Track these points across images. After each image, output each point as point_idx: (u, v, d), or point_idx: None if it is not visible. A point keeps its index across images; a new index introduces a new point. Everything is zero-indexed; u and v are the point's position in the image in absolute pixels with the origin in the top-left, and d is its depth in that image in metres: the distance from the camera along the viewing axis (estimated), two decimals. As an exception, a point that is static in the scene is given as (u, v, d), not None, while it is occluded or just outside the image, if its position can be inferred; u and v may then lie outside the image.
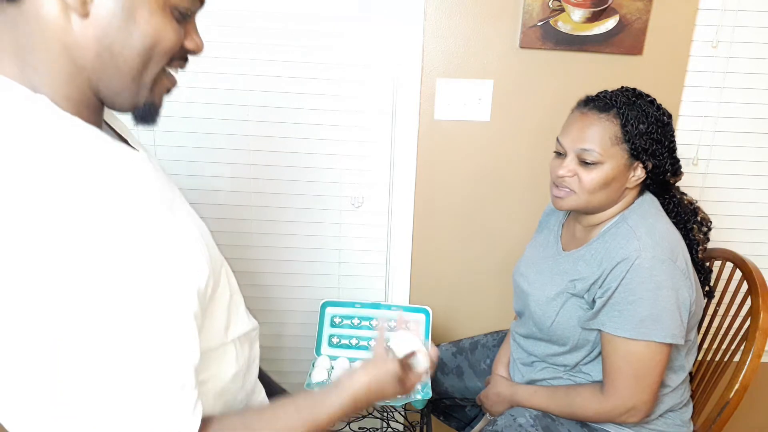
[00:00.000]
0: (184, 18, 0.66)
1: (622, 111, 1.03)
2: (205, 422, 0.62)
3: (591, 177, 1.05)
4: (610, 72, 1.54)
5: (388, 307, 1.41)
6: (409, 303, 1.72)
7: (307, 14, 1.51)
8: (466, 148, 1.61)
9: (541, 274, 1.20)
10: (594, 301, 1.07)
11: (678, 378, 1.11)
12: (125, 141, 0.71)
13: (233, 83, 1.55)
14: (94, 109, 0.62)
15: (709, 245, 1.38)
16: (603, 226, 1.11)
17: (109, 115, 0.73)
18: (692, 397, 1.27)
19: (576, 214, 1.18)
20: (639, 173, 1.06)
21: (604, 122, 1.04)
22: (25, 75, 0.56)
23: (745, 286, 1.22)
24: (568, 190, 1.08)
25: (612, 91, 1.09)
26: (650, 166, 1.06)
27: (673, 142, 1.08)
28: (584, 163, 1.05)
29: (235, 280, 0.82)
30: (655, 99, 1.09)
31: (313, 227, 1.68)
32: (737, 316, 1.25)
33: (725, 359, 1.24)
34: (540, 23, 1.48)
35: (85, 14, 0.55)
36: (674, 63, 1.55)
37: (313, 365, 1.31)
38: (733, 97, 1.58)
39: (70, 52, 0.56)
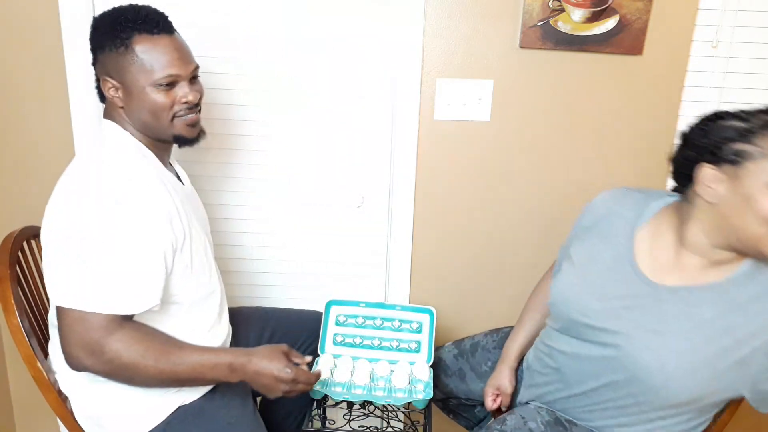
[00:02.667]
0: (171, 86, 1.05)
1: None
2: (132, 318, 1.02)
3: None
4: (610, 72, 1.55)
5: (393, 307, 1.41)
6: (409, 302, 1.73)
7: (307, 14, 1.52)
8: (466, 148, 1.61)
9: (631, 310, 1.00)
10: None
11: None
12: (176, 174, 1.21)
13: (233, 83, 1.55)
14: (151, 143, 1.11)
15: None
16: (740, 260, 0.96)
17: (178, 167, 1.27)
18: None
19: (654, 215, 1.03)
20: None
21: None
22: (123, 124, 1.09)
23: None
24: None
25: None
26: None
27: None
28: None
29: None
30: None
31: (313, 227, 1.68)
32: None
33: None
34: (540, 23, 1.48)
35: (122, 107, 1.08)
36: (674, 63, 1.55)
37: (316, 363, 1.31)
38: (733, 97, 1.58)
39: (129, 122, 1.09)
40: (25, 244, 1.23)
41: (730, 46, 1.54)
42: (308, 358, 1.12)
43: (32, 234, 1.27)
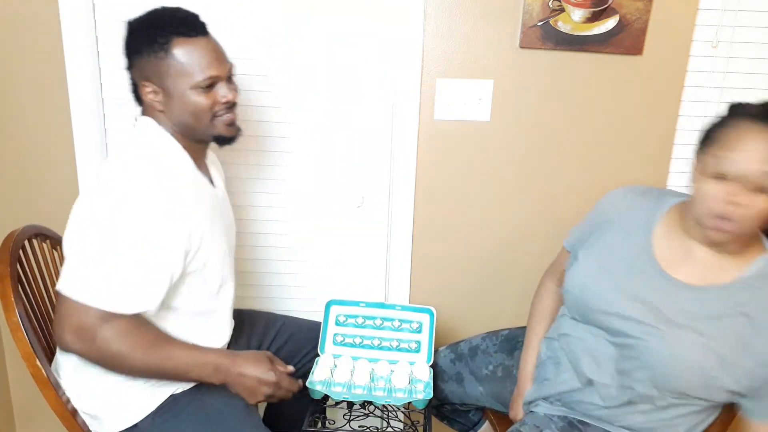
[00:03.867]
0: (210, 87, 1.07)
1: None
2: (136, 315, 1.03)
3: (758, 206, 0.90)
4: (610, 72, 1.55)
5: (393, 307, 1.41)
6: (409, 302, 1.73)
7: (307, 14, 1.52)
8: (466, 148, 1.61)
9: (652, 310, 1.02)
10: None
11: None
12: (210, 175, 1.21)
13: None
14: (189, 146, 1.12)
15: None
16: (753, 257, 0.98)
17: (215, 165, 1.27)
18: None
19: (665, 214, 1.05)
20: None
21: None
22: (162, 125, 1.10)
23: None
24: (732, 222, 0.92)
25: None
26: None
27: None
28: (759, 188, 0.89)
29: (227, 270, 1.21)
30: None
31: (313, 227, 1.68)
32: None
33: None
34: (540, 23, 1.48)
35: (162, 111, 1.09)
36: (674, 63, 1.55)
37: (316, 363, 1.31)
38: (733, 97, 1.58)
39: (169, 124, 1.10)
40: (26, 242, 1.23)
41: (730, 46, 1.54)
42: (291, 368, 1.18)
43: (33, 233, 1.27)
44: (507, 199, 1.65)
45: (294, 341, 1.41)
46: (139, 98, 1.11)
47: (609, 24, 1.49)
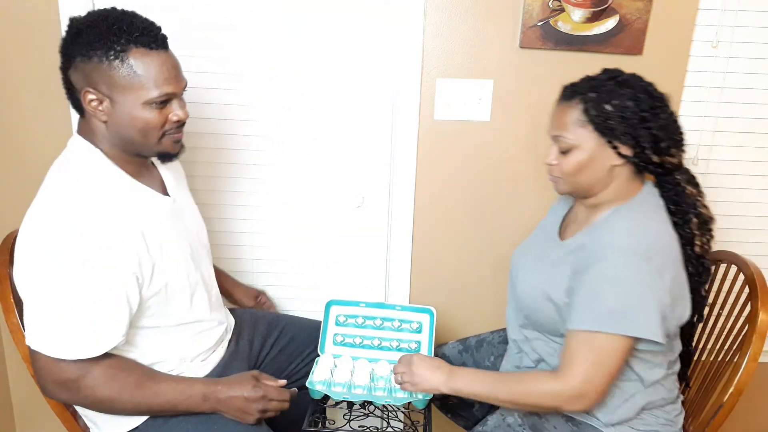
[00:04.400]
0: (164, 104, 1.01)
1: (583, 96, 1.07)
2: (111, 355, 1.01)
3: (567, 162, 1.10)
4: (610, 72, 1.54)
5: (393, 307, 1.41)
6: (409, 302, 1.73)
7: (307, 14, 1.52)
8: (466, 148, 1.61)
9: (532, 258, 1.22)
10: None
11: (654, 374, 1.10)
12: (162, 182, 1.15)
13: (233, 83, 1.55)
14: (130, 159, 1.06)
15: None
16: (601, 212, 1.12)
17: (169, 166, 1.17)
18: (686, 398, 1.27)
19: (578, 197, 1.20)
20: (618, 152, 1.06)
21: (568, 108, 1.09)
22: (95, 143, 1.03)
23: (747, 290, 1.22)
24: (556, 177, 1.14)
25: (584, 77, 1.12)
26: (628, 148, 1.06)
27: (656, 118, 1.05)
28: (563, 151, 1.11)
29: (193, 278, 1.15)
30: (635, 79, 1.08)
31: (313, 227, 1.68)
32: (738, 319, 1.25)
33: (725, 361, 1.23)
34: (540, 23, 1.48)
35: (105, 121, 1.01)
36: (674, 63, 1.55)
37: (316, 363, 1.31)
38: (733, 97, 1.59)
39: (109, 137, 1.03)
40: (25, 243, 1.23)
41: (730, 46, 1.54)
42: (281, 381, 1.17)
43: (32, 234, 1.27)
44: (507, 199, 1.65)
45: (296, 342, 1.41)
46: (77, 104, 1.02)
47: (609, 24, 1.49)
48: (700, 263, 1.14)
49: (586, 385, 1.02)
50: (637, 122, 1.04)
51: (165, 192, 1.14)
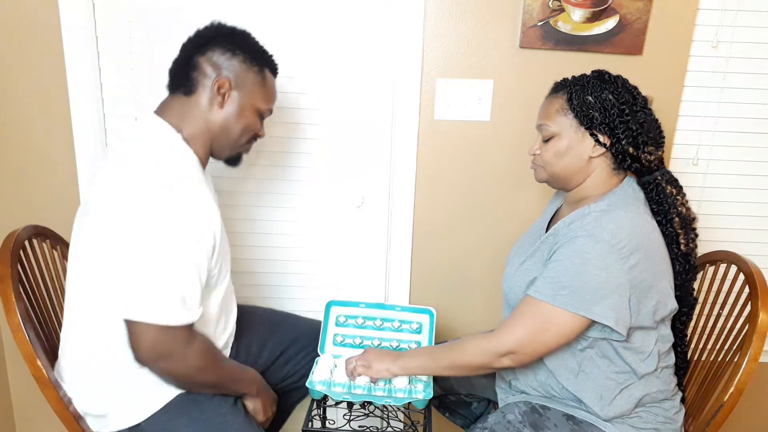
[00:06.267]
0: (263, 117, 1.19)
1: (569, 88, 1.15)
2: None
3: (547, 149, 1.17)
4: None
5: (393, 308, 1.41)
6: (409, 303, 1.73)
7: (307, 14, 1.52)
8: (466, 148, 1.61)
9: (519, 256, 1.25)
10: None
11: (647, 366, 1.11)
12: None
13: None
14: (204, 151, 1.14)
15: (710, 246, 1.39)
16: (581, 206, 1.15)
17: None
18: (686, 397, 1.27)
19: (563, 193, 1.26)
20: (595, 142, 1.12)
21: (554, 100, 1.17)
22: (179, 125, 1.10)
23: (747, 290, 1.22)
24: (536, 165, 1.22)
25: (573, 76, 1.18)
26: (606, 137, 1.12)
27: (635, 114, 1.11)
28: (545, 140, 1.18)
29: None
30: (620, 79, 1.14)
31: (313, 227, 1.68)
32: (738, 319, 1.24)
33: (725, 361, 1.23)
34: (540, 23, 1.48)
35: (222, 107, 1.11)
36: (674, 63, 1.55)
37: (316, 363, 1.31)
38: (733, 97, 1.59)
39: (207, 123, 1.12)
40: (26, 243, 1.23)
41: (730, 46, 1.54)
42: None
43: (34, 233, 1.27)
44: (507, 198, 1.65)
45: (298, 344, 1.42)
46: (189, 83, 1.10)
47: (609, 24, 1.49)
48: (686, 261, 1.16)
49: (518, 346, 1.08)
50: (615, 114, 1.10)
51: None
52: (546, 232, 1.23)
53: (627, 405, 1.11)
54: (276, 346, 1.39)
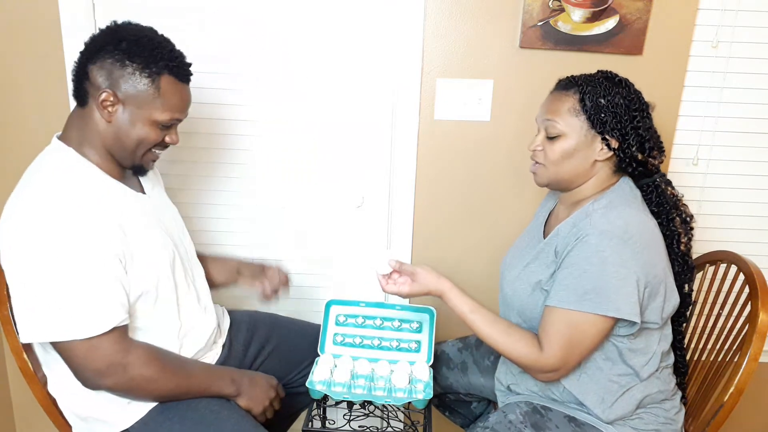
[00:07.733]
0: (166, 127, 1.09)
1: (581, 87, 1.11)
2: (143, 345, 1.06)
3: (554, 148, 1.13)
4: (610, 72, 1.54)
5: (393, 307, 1.41)
6: (409, 302, 1.72)
7: (307, 14, 1.52)
8: (466, 148, 1.61)
9: (517, 259, 1.25)
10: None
11: (649, 367, 1.12)
12: (140, 182, 1.19)
13: (233, 83, 1.56)
14: (108, 161, 1.09)
15: (710, 246, 1.39)
16: (580, 206, 1.14)
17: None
18: (687, 397, 1.28)
19: (559, 194, 1.23)
20: (604, 146, 1.11)
21: (564, 97, 1.13)
22: (79, 138, 1.07)
23: (747, 290, 1.22)
24: (539, 164, 1.18)
25: (583, 74, 1.16)
26: (615, 142, 1.10)
27: (644, 120, 1.11)
28: (550, 137, 1.14)
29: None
30: (628, 82, 1.14)
31: (313, 227, 1.68)
32: (738, 319, 1.25)
33: (725, 361, 1.24)
34: (540, 23, 1.48)
35: (110, 122, 1.05)
36: (674, 63, 1.55)
37: (316, 363, 1.31)
38: (733, 97, 1.59)
39: (101, 135, 1.06)
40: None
41: (730, 46, 1.54)
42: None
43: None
44: (507, 198, 1.65)
45: (297, 351, 1.41)
46: (82, 94, 1.05)
47: (609, 24, 1.49)
48: (684, 261, 1.16)
49: (562, 362, 1.07)
50: (627, 120, 1.09)
51: (141, 191, 1.17)
52: (543, 234, 1.23)
53: (628, 407, 1.11)
54: (275, 350, 1.38)
